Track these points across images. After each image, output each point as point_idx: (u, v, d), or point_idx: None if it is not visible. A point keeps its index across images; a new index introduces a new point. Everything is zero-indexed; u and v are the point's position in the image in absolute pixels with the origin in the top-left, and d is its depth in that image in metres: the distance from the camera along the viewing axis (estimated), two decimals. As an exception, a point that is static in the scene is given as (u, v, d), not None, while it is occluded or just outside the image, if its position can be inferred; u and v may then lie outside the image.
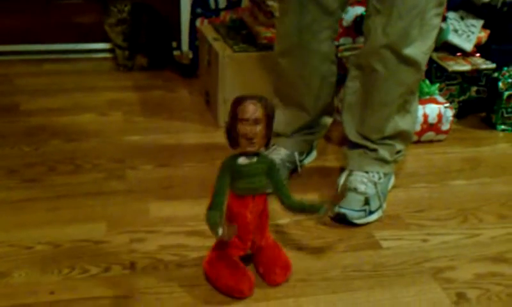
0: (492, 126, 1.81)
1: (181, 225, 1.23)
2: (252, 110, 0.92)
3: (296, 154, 1.44)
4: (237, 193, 0.99)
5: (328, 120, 1.47)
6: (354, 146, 1.37)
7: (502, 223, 1.30)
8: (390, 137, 1.33)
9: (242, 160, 0.97)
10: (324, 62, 1.36)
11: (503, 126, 1.80)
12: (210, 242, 1.18)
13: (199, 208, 1.27)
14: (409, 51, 1.22)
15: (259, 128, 0.93)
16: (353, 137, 1.36)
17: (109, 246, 1.15)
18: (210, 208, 0.96)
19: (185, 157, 1.52)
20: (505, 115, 1.79)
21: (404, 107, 1.32)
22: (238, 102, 0.94)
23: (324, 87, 1.39)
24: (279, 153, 1.41)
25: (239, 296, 1.01)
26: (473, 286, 1.09)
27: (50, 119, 1.69)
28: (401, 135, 1.34)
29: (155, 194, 1.34)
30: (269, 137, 0.97)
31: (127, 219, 1.24)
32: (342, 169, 1.38)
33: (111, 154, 1.51)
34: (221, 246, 1.04)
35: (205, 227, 1.20)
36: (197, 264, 1.11)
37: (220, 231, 0.94)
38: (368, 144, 1.34)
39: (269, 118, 0.94)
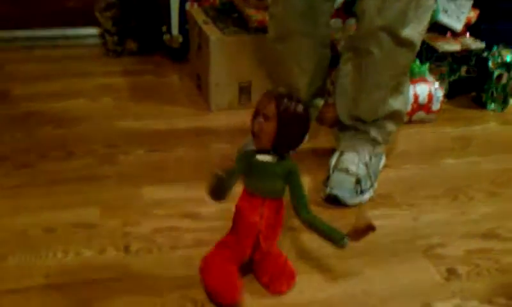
0: (482, 105, 1.82)
1: (174, 208, 1.23)
2: (263, 104, 0.87)
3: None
4: (247, 189, 0.94)
5: (320, 102, 1.48)
6: (346, 127, 1.37)
7: (491, 200, 1.32)
8: (383, 118, 1.34)
9: (259, 156, 0.91)
10: (320, 46, 1.37)
11: (493, 106, 1.81)
12: (203, 224, 1.19)
13: (192, 191, 1.29)
14: (406, 32, 1.22)
15: (267, 125, 0.87)
16: (345, 119, 1.37)
17: (103, 230, 1.15)
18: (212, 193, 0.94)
19: (177, 141, 1.53)
20: (495, 94, 1.80)
21: (397, 88, 1.32)
22: (263, 94, 0.90)
23: (318, 70, 1.39)
24: None
25: (221, 303, 0.96)
26: (464, 262, 1.10)
27: (40, 105, 1.69)
28: (394, 116, 1.35)
29: (147, 178, 1.34)
30: (284, 140, 0.89)
31: (120, 203, 1.24)
32: (333, 151, 1.39)
33: (103, 139, 1.51)
34: (219, 244, 1.00)
35: (198, 209, 1.23)
36: (190, 246, 1.12)
37: (218, 171, 0.90)
38: (360, 125, 1.35)
39: (283, 118, 0.87)
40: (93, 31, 2.19)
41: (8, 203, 1.23)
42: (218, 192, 0.92)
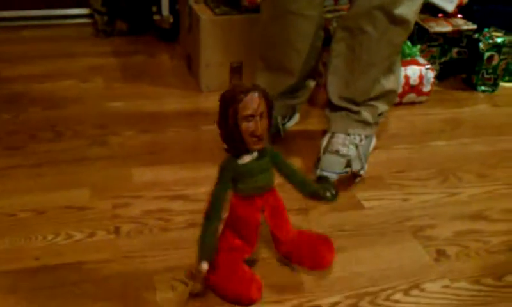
0: (473, 87, 1.82)
1: (165, 190, 1.23)
2: (256, 104, 0.82)
3: (279, 118, 1.44)
4: (242, 194, 0.90)
5: (312, 83, 1.47)
6: (337, 108, 1.37)
7: (481, 182, 1.33)
8: (375, 98, 1.34)
9: (243, 159, 0.87)
10: (314, 27, 1.35)
11: (483, 87, 1.81)
12: (194, 205, 1.19)
13: (182, 172, 1.29)
14: (400, 11, 1.22)
15: (265, 122, 0.84)
16: (336, 100, 1.36)
17: (93, 212, 1.15)
18: (208, 217, 0.89)
19: (167, 122, 1.52)
20: (486, 76, 1.80)
21: (389, 68, 1.32)
22: (233, 98, 0.82)
23: (312, 51, 1.38)
24: None
25: (248, 304, 0.94)
26: (453, 243, 1.11)
27: (30, 86, 1.67)
28: (386, 96, 1.35)
29: (138, 160, 1.34)
30: (270, 127, 0.87)
31: (110, 185, 1.24)
32: (324, 132, 1.39)
33: (93, 120, 1.50)
34: (224, 248, 0.95)
35: (189, 191, 1.23)
36: (181, 228, 1.12)
37: (205, 266, 0.88)
38: (352, 106, 1.35)
39: (270, 108, 0.85)
40: (82, 11, 2.17)
41: (-2, 185, 1.23)
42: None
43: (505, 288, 1.01)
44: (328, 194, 0.97)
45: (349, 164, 1.28)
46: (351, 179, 0.96)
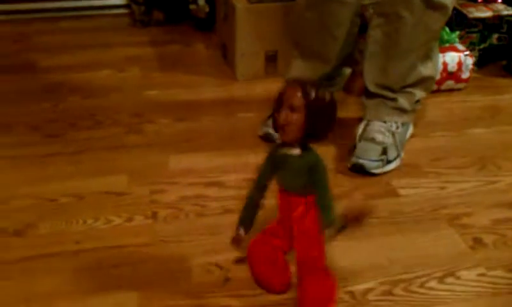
0: (513, 74, 1.79)
1: (200, 176, 1.25)
2: (289, 95, 0.80)
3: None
4: (278, 185, 0.88)
5: (347, 71, 1.47)
6: (373, 95, 1.36)
7: (520, 170, 1.30)
8: (412, 85, 1.33)
9: (281, 150, 0.84)
10: (351, 13, 1.35)
11: (524, 74, 1.77)
12: (229, 192, 1.20)
13: (218, 159, 1.31)
14: None
15: (294, 116, 0.79)
16: (372, 87, 1.35)
17: (131, 197, 1.18)
18: (254, 184, 0.89)
19: (203, 110, 1.54)
20: (526, 62, 1.76)
21: (427, 54, 1.31)
22: (283, 87, 0.82)
23: (348, 38, 1.38)
24: None
25: (269, 290, 0.95)
26: (490, 232, 1.10)
27: (68, 76, 1.71)
28: (423, 82, 1.34)
29: (174, 147, 1.36)
30: (313, 132, 0.81)
31: (147, 172, 1.26)
32: (360, 120, 1.38)
33: (130, 109, 1.53)
34: (268, 232, 0.94)
35: (224, 178, 1.24)
36: (216, 214, 1.14)
37: (241, 231, 0.89)
38: (388, 93, 1.34)
39: (311, 108, 0.79)
40: (120, 1, 2.20)
41: (39, 172, 1.26)
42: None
43: (543, 277, 0.99)
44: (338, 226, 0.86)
45: (385, 152, 1.28)
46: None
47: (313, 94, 0.79)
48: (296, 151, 0.83)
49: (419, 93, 1.35)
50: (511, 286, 0.97)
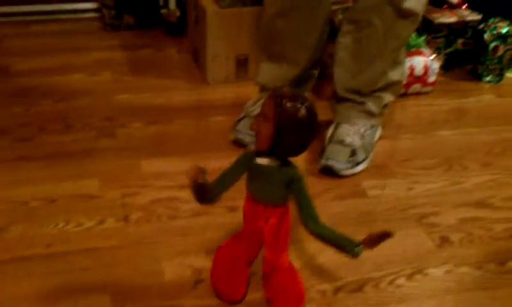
0: (478, 77, 1.83)
1: (172, 179, 1.25)
2: (264, 104, 0.79)
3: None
4: (248, 192, 0.86)
5: (315, 72, 1.49)
6: (342, 99, 1.39)
7: (485, 170, 1.34)
8: (380, 89, 1.35)
9: (259, 159, 0.82)
10: (322, 21, 1.37)
11: (488, 78, 1.82)
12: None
13: (189, 163, 1.31)
14: (409, 4, 1.23)
15: (264, 125, 0.78)
16: (342, 91, 1.38)
17: (103, 200, 1.18)
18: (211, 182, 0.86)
19: (174, 114, 1.54)
20: (491, 66, 1.81)
21: (395, 60, 1.33)
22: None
23: (318, 45, 1.40)
24: None
25: (221, 298, 0.95)
26: (457, 230, 1.13)
27: (39, 79, 1.70)
28: (391, 87, 1.37)
29: (146, 151, 1.36)
30: (279, 145, 0.78)
31: (119, 175, 1.26)
32: (330, 122, 1.40)
33: (102, 113, 1.52)
34: (235, 238, 0.93)
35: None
36: (188, 216, 1.14)
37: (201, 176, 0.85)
38: (357, 97, 1.36)
39: (280, 121, 0.77)
40: (90, 5, 2.19)
41: (9, 176, 1.25)
42: (201, 194, 0.87)
43: (508, 274, 1.02)
44: (355, 249, 0.85)
45: (354, 154, 1.30)
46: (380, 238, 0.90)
47: (286, 107, 0.77)
48: (274, 163, 0.81)
49: (387, 97, 1.38)
50: (477, 282, 1.00)
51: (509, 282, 1.01)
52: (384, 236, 0.86)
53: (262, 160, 0.82)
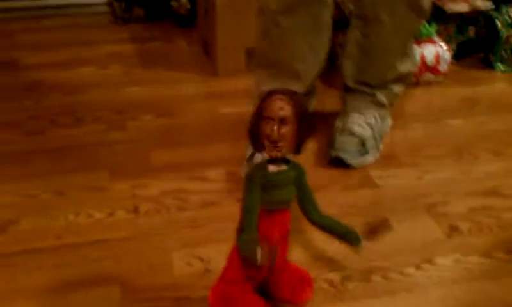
0: (490, 66, 1.81)
1: (182, 171, 1.26)
2: (278, 107, 0.77)
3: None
4: (264, 207, 0.83)
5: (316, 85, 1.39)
6: (352, 90, 1.38)
7: (496, 159, 1.33)
8: (390, 82, 1.35)
9: (272, 168, 0.81)
10: (329, 16, 1.25)
11: (501, 66, 1.80)
12: (211, 186, 1.22)
13: (199, 154, 1.32)
14: (424, 3, 1.22)
15: (286, 129, 0.77)
16: (351, 83, 1.37)
17: (112, 192, 1.18)
18: (243, 230, 0.81)
19: (185, 106, 1.54)
20: (504, 55, 1.79)
21: (404, 52, 1.33)
22: (264, 97, 0.79)
23: (325, 47, 1.28)
24: None
25: None
26: (466, 219, 1.12)
27: (50, 73, 1.71)
28: (401, 79, 1.36)
29: (155, 143, 1.37)
30: (302, 140, 0.81)
31: (129, 167, 1.27)
32: (339, 113, 1.40)
33: (111, 106, 1.53)
34: (234, 279, 0.88)
35: (206, 172, 1.25)
36: (197, 207, 1.15)
37: (259, 256, 0.79)
38: (366, 89, 1.35)
39: (300, 116, 0.78)
40: (101, -1, 2.20)
41: (20, 168, 1.26)
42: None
43: (517, 262, 1.02)
44: (354, 239, 0.86)
45: (363, 144, 1.29)
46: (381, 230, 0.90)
47: (299, 104, 0.78)
48: (283, 164, 0.82)
49: (397, 88, 1.37)
50: (486, 271, 1.00)
51: (518, 270, 1.00)
52: (384, 227, 0.87)
53: (278, 167, 0.81)
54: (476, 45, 1.85)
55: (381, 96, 1.35)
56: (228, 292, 0.89)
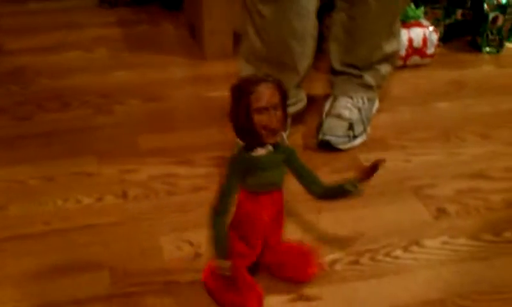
0: (478, 48, 1.82)
1: (170, 156, 1.25)
2: (269, 95, 0.76)
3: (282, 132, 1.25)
4: (252, 190, 0.84)
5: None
6: (339, 73, 1.38)
7: (483, 142, 1.34)
8: (377, 62, 1.35)
9: (259, 152, 0.81)
10: (313, 3, 1.18)
11: (488, 49, 1.81)
12: (200, 170, 1.21)
13: (187, 138, 1.32)
14: None
15: (280, 114, 0.78)
16: (338, 66, 1.37)
17: (101, 178, 1.18)
18: (217, 211, 0.82)
19: (172, 90, 1.54)
20: (491, 37, 1.79)
21: (390, 32, 1.32)
22: (246, 89, 0.77)
23: (314, 37, 1.22)
24: None
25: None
26: (453, 201, 1.13)
27: (36, 58, 1.69)
28: (388, 59, 1.36)
29: (143, 127, 1.36)
30: (286, 118, 0.81)
31: (117, 152, 1.26)
32: (327, 96, 1.40)
33: (98, 90, 1.52)
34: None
35: (194, 156, 1.25)
36: (187, 191, 1.15)
37: (226, 263, 0.82)
38: (354, 71, 1.35)
39: (284, 98, 0.79)
40: (86, -19, 2.17)
41: (8, 154, 1.26)
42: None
43: (504, 243, 1.03)
44: (351, 187, 0.88)
45: (351, 127, 1.30)
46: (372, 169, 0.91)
47: (280, 84, 0.78)
48: (270, 147, 0.81)
49: (384, 69, 1.37)
50: (474, 252, 1.01)
51: (505, 251, 1.01)
52: (376, 166, 0.88)
53: (266, 149, 0.81)
54: (463, 28, 1.85)
55: (369, 78, 1.35)
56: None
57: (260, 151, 0.81)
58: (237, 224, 0.87)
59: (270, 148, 0.82)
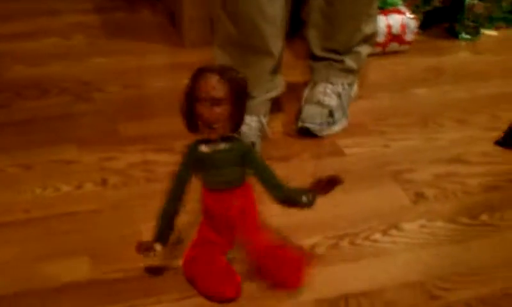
0: (455, 35, 1.83)
1: (150, 143, 1.25)
2: (210, 86, 0.74)
3: (262, 118, 1.25)
4: (208, 187, 0.84)
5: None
6: (320, 58, 1.38)
7: (461, 127, 1.35)
8: (357, 45, 1.35)
9: (204, 148, 0.80)
10: None
11: (465, 35, 1.82)
12: (179, 157, 1.21)
13: (167, 126, 1.31)
14: None
15: (220, 109, 0.74)
16: (319, 51, 1.37)
17: (80, 165, 1.17)
18: (167, 198, 0.86)
19: (151, 77, 1.53)
20: (467, 24, 1.81)
21: (368, 13, 1.33)
22: (196, 75, 0.76)
23: (284, 18, 1.21)
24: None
25: (221, 299, 0.87)
26: (431, 186, 1.15)
27: (12, 45, 1.67)
28: (367, 40, 1.36)
29: (123, 115, 1.35)
30: (240, 119, 0.79)
31: (96, 139, 1.26)
32: (307, 83, 1.40)
33: (77, 77, 1.51)
34: (200, 240, 0.91)
35: (173, 144, 1.25)
36: (166, 179, 1.14)
37: (158, 247, 0.85)
38: (334, 56, 1.35)
39: (237, 95, 0.75)
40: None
41: (-15, 142, 1.24)
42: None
43: (480, 226, 1.05)
44: (304, 199, 0.85)
45: (331, 114, 1.30)
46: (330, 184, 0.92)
47: (235, 81, 0.75)
48: (222, 144, 0.80)
49: (364, 50, 1.37)
50: (451, 235, 1.03)
51: (481, 234, 1.03)
52: (333, 181, 0.88)
53: (214, 146, 0.80)
54: (442, 15, 1.87)
55: (350, 62, 1.36)
56: (193, 253, 0.91)
57: (205, 149, 0.80)
58: (205, 215, 0.88)
59: (220, 145, 0.80)
